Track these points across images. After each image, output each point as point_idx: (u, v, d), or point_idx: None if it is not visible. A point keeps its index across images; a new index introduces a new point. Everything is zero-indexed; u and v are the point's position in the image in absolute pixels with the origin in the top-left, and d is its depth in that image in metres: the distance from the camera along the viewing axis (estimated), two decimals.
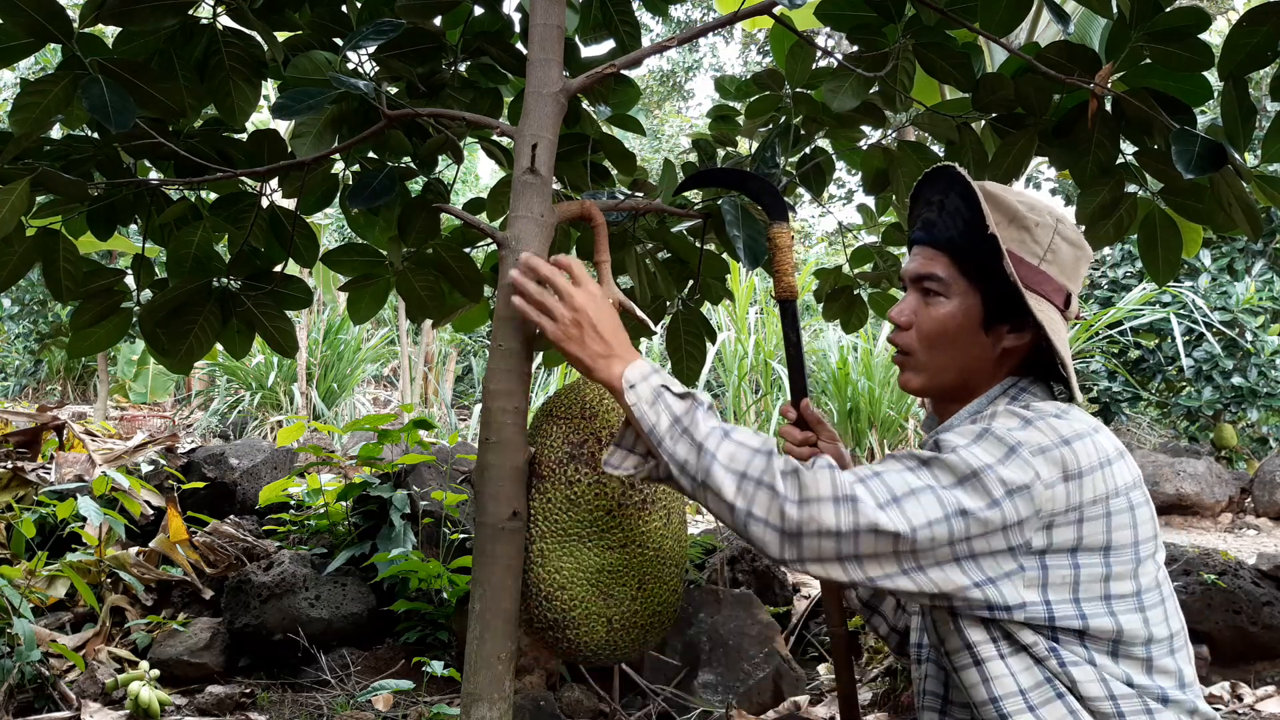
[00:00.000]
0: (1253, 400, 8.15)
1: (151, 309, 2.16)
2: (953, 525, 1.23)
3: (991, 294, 1.39)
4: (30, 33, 1.73)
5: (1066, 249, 1.41)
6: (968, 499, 1.24)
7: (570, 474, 1.48)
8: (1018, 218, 1.39)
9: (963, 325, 1.41)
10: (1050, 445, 1.27)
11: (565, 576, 1.47)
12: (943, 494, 1.24)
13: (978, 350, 1.42)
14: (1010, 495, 1.23)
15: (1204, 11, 1.82)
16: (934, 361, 1.44)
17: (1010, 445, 1.26)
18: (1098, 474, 1.28)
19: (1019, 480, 1.24)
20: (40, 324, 10.87)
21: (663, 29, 13.96)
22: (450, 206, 1.84)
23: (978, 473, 1.24)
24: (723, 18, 1.79)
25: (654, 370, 1.38)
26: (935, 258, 1.43)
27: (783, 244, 1.68)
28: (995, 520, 1.23)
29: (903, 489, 1.25)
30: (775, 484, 1.26)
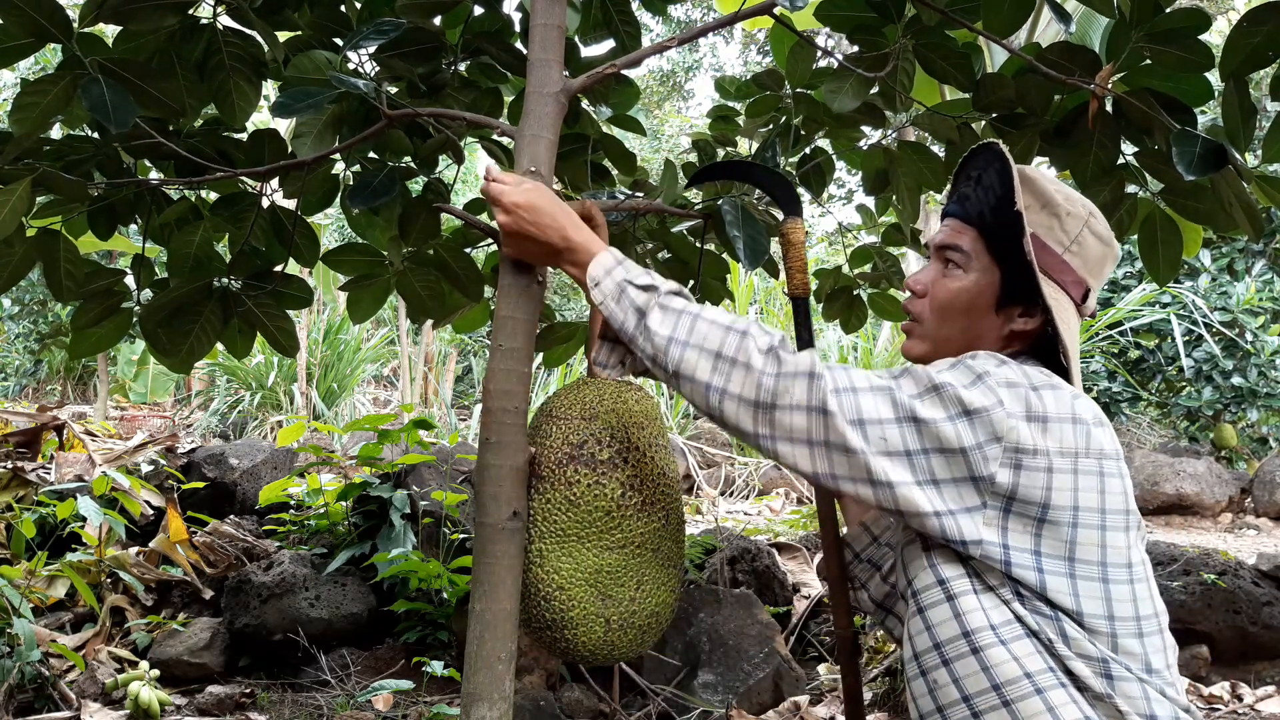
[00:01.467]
0: (1253, 400, 8.15)
1: (152, 309, 2.16)
2: (904, 431, 1.25)
3: (1010, 274, 1.39)
4: (30, 33, 1.73)
5: (1094, 244, 1.41)
6: (922, 408, 1.25)
7: (569, 475, 1.48)
8: (1050, 204, 1.40)
9: (975, 300, 1.41)
10: (1018, 383, 1.27)
11: (564, 577, 1.47)
12: (899, 396, 1.27)
13: (985, 328, 1.42)
14: (967, 415, 1.24)
15: (1204, 12, 1.82)
16: (940, 332, 1.45)
17: (978, 373, 1.28)
18: (1067, 426, 1.27)
19: (979, 403, 1.24)
20: (40, 324, 10.87)
21: (663, 29, 13.96)
22: (451, 206, 1.85)
23: (939, 387, 1.26)
24: (723, 18, 1.79)
25: (617, 263, 1.39)
26: (963, 230, 1.44)
27: (796, 239, 1.67)
28: (949, 437, 1.24)
29: (863, 383, 1.28)
30: (751, 360, 1.28)
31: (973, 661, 1.27)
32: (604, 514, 1.46)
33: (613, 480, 1.47)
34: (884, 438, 1.25)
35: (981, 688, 1.27)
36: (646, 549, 1.49)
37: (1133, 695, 1.24)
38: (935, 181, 2.34)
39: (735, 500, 8.11)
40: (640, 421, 1.54)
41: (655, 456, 1.52)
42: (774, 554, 4.47)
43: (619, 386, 1.57)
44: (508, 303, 1.55)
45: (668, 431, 1.66)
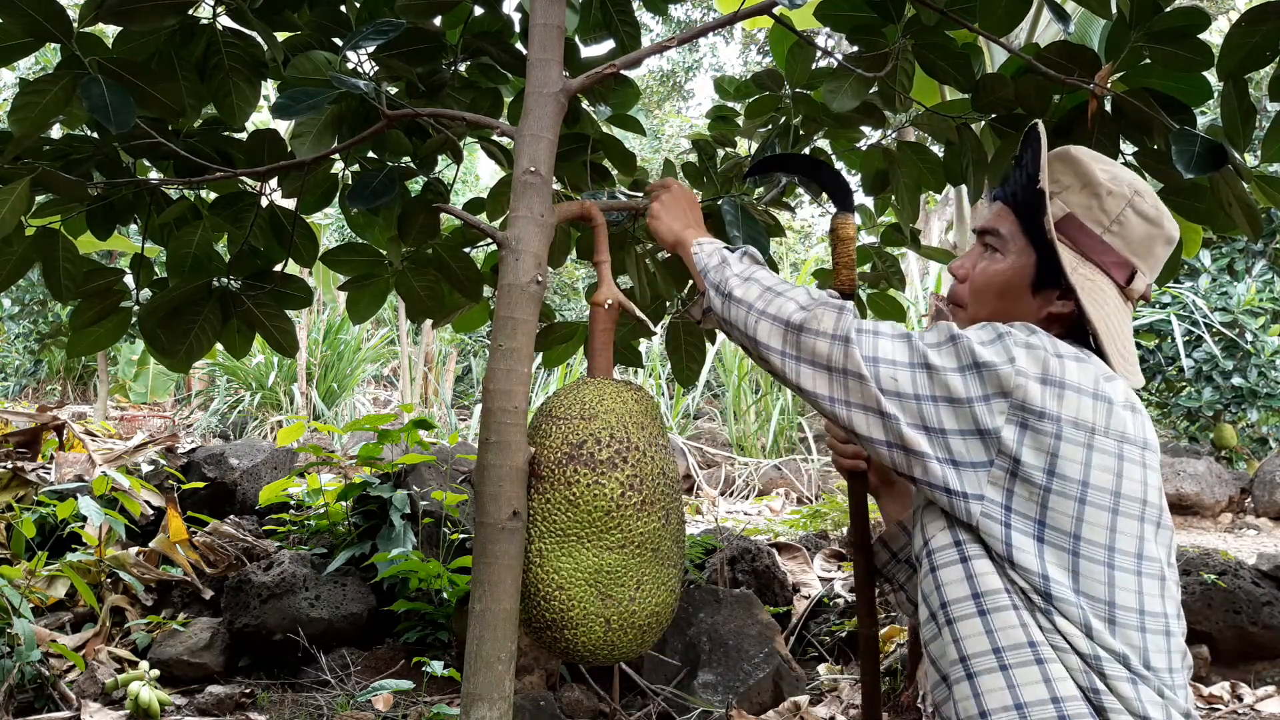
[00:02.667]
0: (1253, 400, 8.15)
1: (151, 309, 2.16)
2: (914, 375, 1.28)
3: (1046, 256, 1.37)
4: (30, 33, 1.73)
5: (1138, 223, 1.36)
6: (935, 356, 1.28)
7: (569, 474, 1.48)
8: (1091, 183, 1.37)
9: (1011, 282, 1.40)
10: (1039, 347, 1.26)
11: (563, 577, 1.47)
12: (916, 343, 1.30)
13: (1022, 310, 1.40)
14: (976, 367, 1.26)
15: (1204, 11, 1.82)
16: (978, 315, 1.43)
17: (1000, 333, 1.29)
18: (1086, 398, 1.24)
19: (988, 357, 1.26)
20: (40, 324, 10.87)
21: (663, 29, 13.95)
22: (450, 206, 1.84)
23: (955, 338, 1.29)
24: (723, 18, 1.79)
25: (723, 244, 1.56)
26: (1002, 213, 1.43)
27: (846, 234, 1.66)
28: (956, 387, 1.26)
29: (887, 328, 1.34)
30: (794, 295, 1.39)
31: (977, 623, 1.27)
32: (603, 514, 1.46)
33: (612, 480, 1.47)
34: (894, 378, 1.29)
35: (981, 649, 1.26)
36: (646, 548, 1.49)
37: (1125, 695, 1.21)
38: (934, 182, 2.34)
39: (735, 500, 8.11)
40: (640, 421, 1.54)
41: (655, 456, 1.52)
42: (774, 554, 4.47)
43: (619, 386, 1.57)
44: (507, 303, 1.55)
45: (668, 431, 1.66)
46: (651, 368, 9.82)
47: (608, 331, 1.65)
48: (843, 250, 1.66)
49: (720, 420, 10.62)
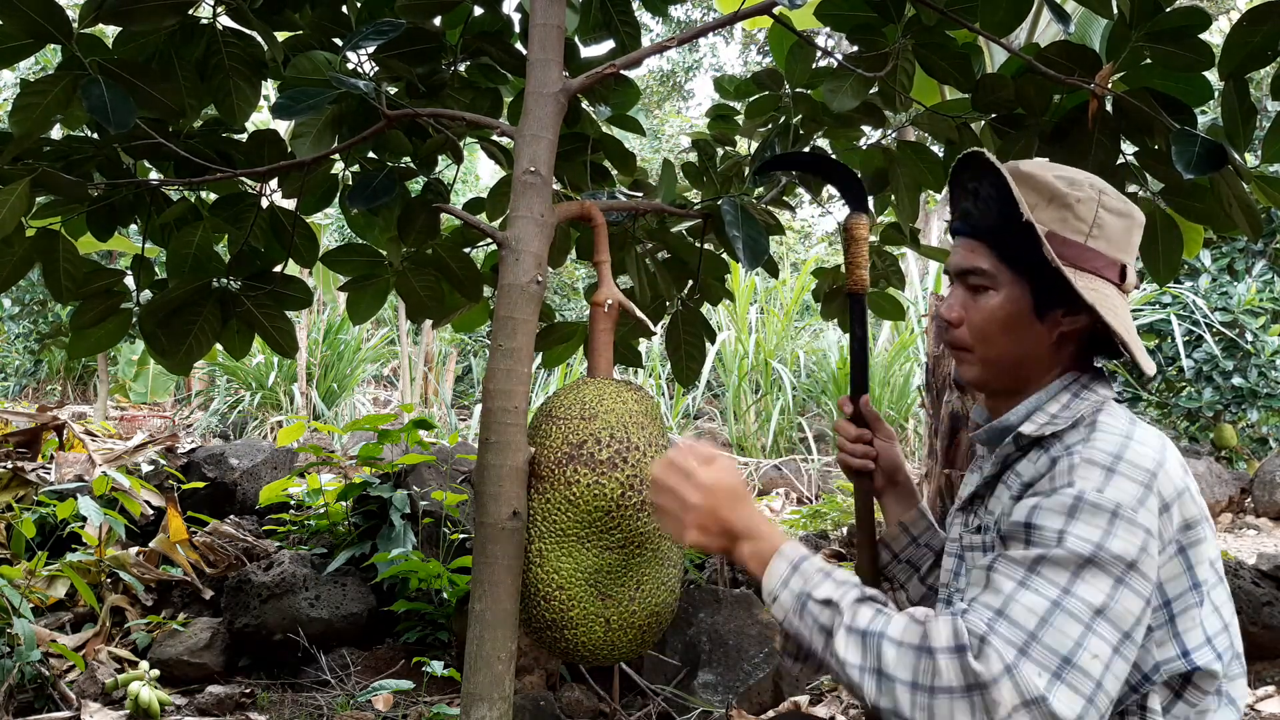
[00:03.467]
0: (1253, 401, 8.15)
1: (151, 309, 2.16)
2: (1100, 632, 1.16)
3: (1039, 280, 1.33)
4: (30, 33, 1.73)
5: (1113, 220, 1.35)
6: (1093, 593, 1.17)
7: (569, 474, 1.48)
8: (1056, 196, 1.34)
9: (1014, 316, 1.36)
10: (1142, 491, 1.21)
11: (564, 577, 1.47)
12: (1069, 604, 1.17)
13: (1034, 339, 1.36)
14: (1132, 569, 1.18)
15: (1204, 11, 1.82)
16: (990, 354, 1.39)
17: (1110, 511, 1.19)
18: (1185, 496, 1.25)
19: (1133, 550, 1.18)
20: (40, 324, 10.87)
21: (663, 29, 13.95)
22: (450, 206, 1.84)
23: (1093, 559, 1.17)
24: (723, 18, 1.79)
25: (792, 568, 1.28)
26: (976, 249, 1.38)
27: (859, 235, 1.64)
28: (1133, 605, 1.18)
29: (1032, 621, 1.16)
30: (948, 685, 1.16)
31: None
32: (603, 514, 1.46)
33: (612, 480, 1.47)
34: (1095, 655, 1.15)
35: None
36: (646, 549, 1.49)
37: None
38: (934, 181, 2.34)
39: None
40: (640, 421, 1.54)
41: (655, 455, 1.52)
42: None
43: (619, 386, 1.57)
44: (507, 303, 1.55)
45: (668, 431, 1.66)
46: (651, 368, 9.82)
47: (608, 332, 1.65)
48: (856, 251, 1.64)
49: (720, 420, 10.62)
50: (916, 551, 1.67)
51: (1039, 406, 1.36)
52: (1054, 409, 1.35)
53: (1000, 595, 1.19)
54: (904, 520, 1.68)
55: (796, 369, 9.78)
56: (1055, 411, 1.34)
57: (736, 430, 9.55)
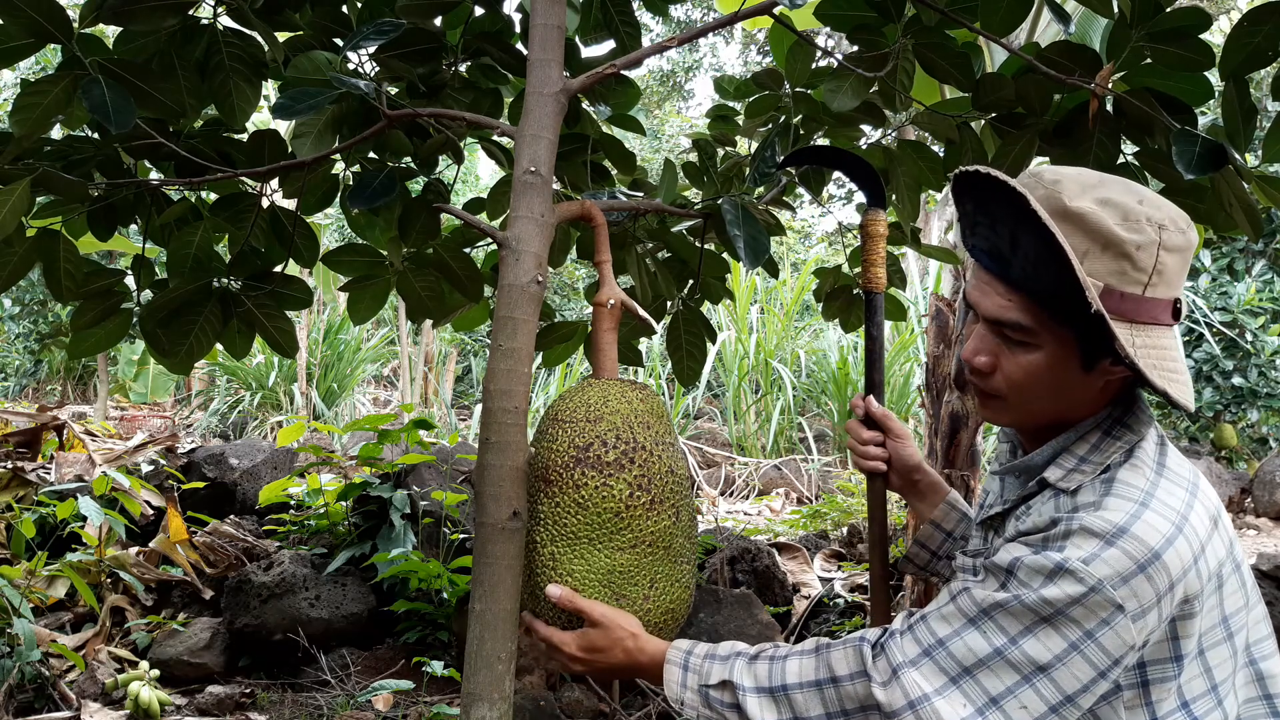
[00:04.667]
0: (1253, 400, 8.16)
1: (152, 309, 2.16)
2: (1038, 686, 1.16)
3: (1087, 332, 1.18)
4: (30, 33, 1.73)
5: (1173, 260, 1.18)
6: (1040, 650, 1.16)
7: (577, 478, 1.48)
8: (1113, 242, 1.15)
9: (1059, 374, 1.23)
10: (1134, 569, 1.14)
11: (577, 580, 1.47)
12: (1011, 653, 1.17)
13: (1079, 392, 1.25)
14: (1090, 638, 1.15)
15: (1204, 11, 1.81)
16: (1030, 407, 1.28)
17: (1090, 586, 1.14)
18: (1191, 573, 1.18)
19: (1093, 621, 1.15)
20: (40, 324, 10.88)
21: (663, 29, 13.96)
22: (450, 206, 1.84)
23: (1049, 620, 1.15)
24: (723, 18, 1.79)
25: (682, 668, 1.36)
26: (1013, 300, 1.21)
27: (876, 232, 1.62)
28: (1081, 672, 1.15)
29: (969, 659, 1.19)
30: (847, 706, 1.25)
31: None
32: (613, 515, 1.46)
33: (620, 481, 1.47)
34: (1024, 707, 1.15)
35: None
36: (658, 547, 1.49)
37: None
38: (934, 180, 2.34)
39: (735, 500, 8.11)
40: (646, 420, 1.54)
41: (662, 454, 1.52)
42: (774, 554, 4.47)
43: (623, 386, 1.57)
44: (507, 303, 1.55)
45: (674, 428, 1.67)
46: (652, 367, 9.82)
47: (611, 331, 1.65)
48: (872, 248, 1.61)
49: (720, 420, 10.62)
50: (953, 545, 1.65)
51: (1066, 448, 1.27)
52: (1082, 450, 1.26)
53: (948, 627, 1.22)
54: (934, 518, 1.66)
55: (797, 369, 9.79)
56: (1084, 454, 1.26)
57: (736, 430, 9.56)
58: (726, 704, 1.31)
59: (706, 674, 1.34)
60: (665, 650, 1.39)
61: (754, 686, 1.30)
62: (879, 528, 1.66)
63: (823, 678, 1.26)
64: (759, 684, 1.30)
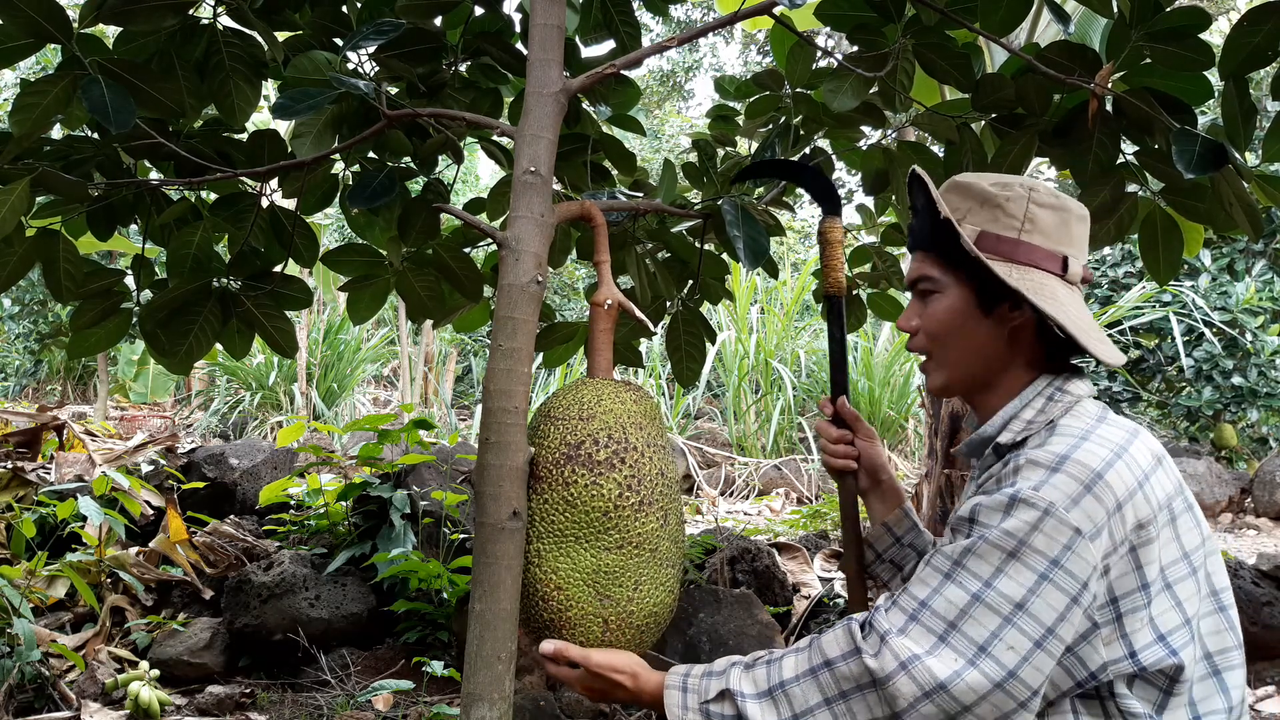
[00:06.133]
0: (1253, 400, 8.15)
1: (151, 309, 2.16)
2: (1021, 625, 1.21)
3: (978, 278, 1.39)
4: (30, 33, 1.73)
5: (1045, 214, 1.39)
6: (1013, 587, 1.21)
7: (566, 475, 1.48)
8: (987, 198, 1.40)
9: (962, 313, 1.41)
10: (1080, 489, 1.23)
11: (561, 577, 1.47)
12: (989, 596, 1.22)
13: (985, 335, 1.41)
14: (1057, 565, 1.21)
15: (1204, 11, 1.81)
16: (948, 356, 1.44)
17: (1041, 509, 1.22)
18: (1137, 496, 1.25)
19: (1057, 548, 1.21)
20: (40, 324, 10.88)
21: (663, 29, 13.95)
22: (450, 206, 1.84)
23: (1014, 554, 1.22)
24: (723, 18, 1.79)
25: (681, 690, 1.37)
26: (924, 259, 1.45)
27: (834, 239, 1.67)
28: (1055, 601, 1.21)
29: (952, 613, 1.23)
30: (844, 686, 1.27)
31: None
32: (601, 514, 1.46)
33: (609, 480, 1.47)
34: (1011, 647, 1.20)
35: None
36: (645, 549, 1.49)
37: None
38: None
39: (735, 500, 8.10)
40: (639, 421, 1.54)
41: (653, 456, 1.52)
42: (774, 554, 4.47)
43: (618, 386, 1.57)
44: (507, 303, 1.55)
45: (667, 431, 1.66)
46: (651, 368, 9.82)
47: (608, 332, 1.65)
48: (831, 254, 1.68)
49: (720, 420, 10.62)
50: (900, 551, 1.69)
51: (1015, 414, 1.39)
52: (1029, 415, 1.37)
53: (926, 588, 1.27)
54: (888, 520, 1.70)
55: (796, 369, 9.78)
56: (1030, 418, 1.37)
57: (736, 430, 9.56)
58: (728, 716, 1.33)
59: (705, 690, 1.36)
60: (659, 677, 1.41)
61: (753, 692, 1.32)
62: (852, 526, 1.69)
63: (816, 664, 1.30)
64: (758, 688, 1.32)
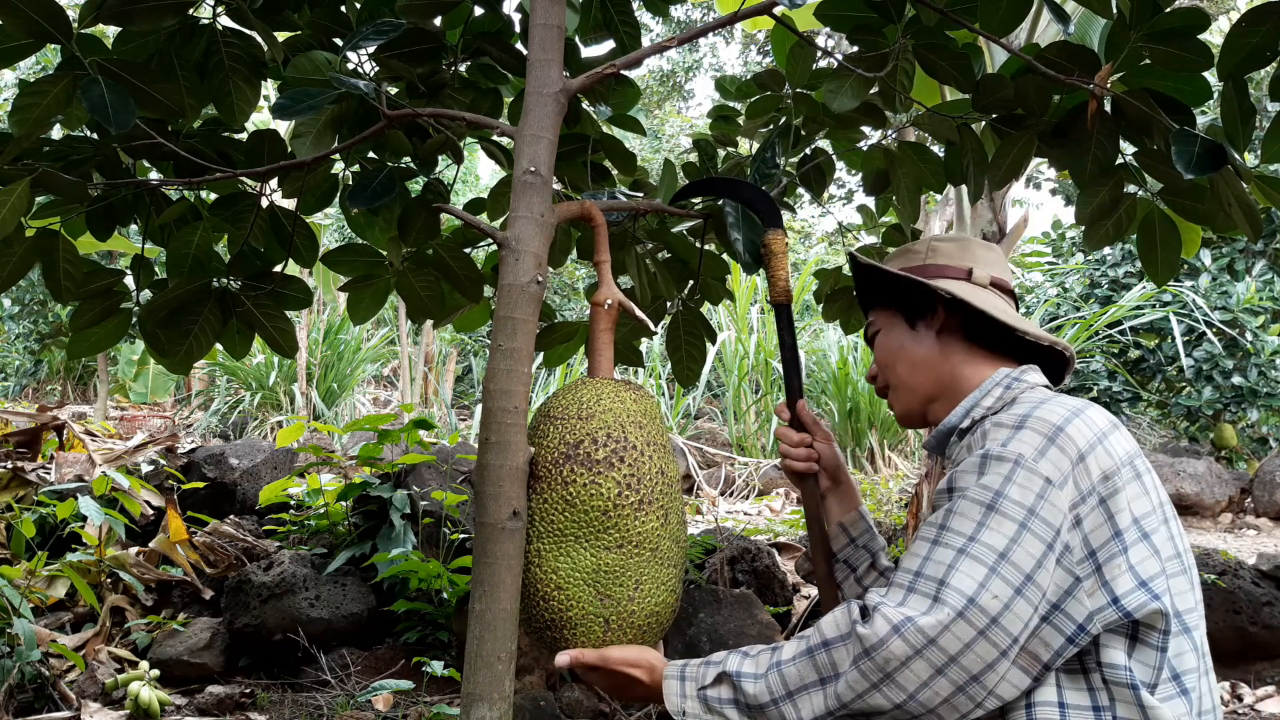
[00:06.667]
0: (1253, 400, 8.15)
1: (151, 309, 2.16)
2: (1004, 574, 1.24)
3: (901, 302, 1.58)
4: (30, 33, 1.73)
5: (946, 245, 1.61)
6: (996, 538, 1.26)
7: (566, 474, 1.48)
8: (900, 252, 1.65)
9: (897, 336, 1.58)
10: (1044, 442, 1.30)
11: (561, 577, 1.47)
12: (974, 549, 1.26)
13: (919, 348, 1.55)
14: (1033, 514, 1.26)
15: (1204, 12, 1.81)
16: (898, 378, 1.58)
17: (1011, 460, 1.29)
18: (1098, 449, 1.31)
19: (1031, 497, 1.27)
20: (40, 324, 10.88)
21: (663, 29, 13.96)
22: (450, 206, 1.84)
23: (993, 506, 1.28)
24: (723, 18, 1.79)
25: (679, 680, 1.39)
26: (870, 315, 1.66)
27: (777, 249, 1.73)
28: (1033, 549, 1.25)
29: (940, 571, 1.27)
30: (840, 665, 1.28)
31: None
32: (600, 513, 1.46)
33: (609, 479, 1.47)
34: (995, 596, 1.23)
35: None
36: (645, 548, 1.49)
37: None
38: (935, 182, 2.34)
39: (735, 500, 8.10)
40: (638, 420, 1.54)
41: (653, 455, 1.52)
42: (774, 554, 4.47)
43: (617, 386, 1.57)
44: (507, 303, 1.55)
45: (667, 431, 1.66)
46: (652, 368, 9.83)
47: (608, 332, 1.65)
48: (776, 264, 1.73)
49: (720, 420, 10.62)
50: (854, 553, 1.71)
51: (975, 403, 1.48)
52: (988, 403, 1.46)
53: (917, 559, 1.31)
54: (843, 521, 1.72)
55: None
56: (990, 405, 1.46)
57: (736, 430, 9.56)
58: (725, 700, 1.35)
59: (703, 677, 1.38)
60: (661, 666, 1.43)
61: (752, 672, 1.35)
62: (818, 527, 1.71)
63: (815, 644, 1.32)
64: (756, 670, 1.35)
